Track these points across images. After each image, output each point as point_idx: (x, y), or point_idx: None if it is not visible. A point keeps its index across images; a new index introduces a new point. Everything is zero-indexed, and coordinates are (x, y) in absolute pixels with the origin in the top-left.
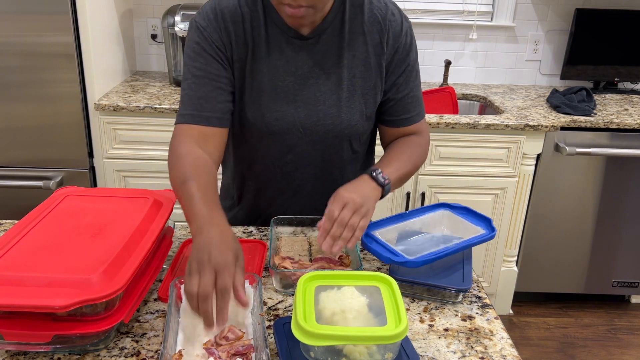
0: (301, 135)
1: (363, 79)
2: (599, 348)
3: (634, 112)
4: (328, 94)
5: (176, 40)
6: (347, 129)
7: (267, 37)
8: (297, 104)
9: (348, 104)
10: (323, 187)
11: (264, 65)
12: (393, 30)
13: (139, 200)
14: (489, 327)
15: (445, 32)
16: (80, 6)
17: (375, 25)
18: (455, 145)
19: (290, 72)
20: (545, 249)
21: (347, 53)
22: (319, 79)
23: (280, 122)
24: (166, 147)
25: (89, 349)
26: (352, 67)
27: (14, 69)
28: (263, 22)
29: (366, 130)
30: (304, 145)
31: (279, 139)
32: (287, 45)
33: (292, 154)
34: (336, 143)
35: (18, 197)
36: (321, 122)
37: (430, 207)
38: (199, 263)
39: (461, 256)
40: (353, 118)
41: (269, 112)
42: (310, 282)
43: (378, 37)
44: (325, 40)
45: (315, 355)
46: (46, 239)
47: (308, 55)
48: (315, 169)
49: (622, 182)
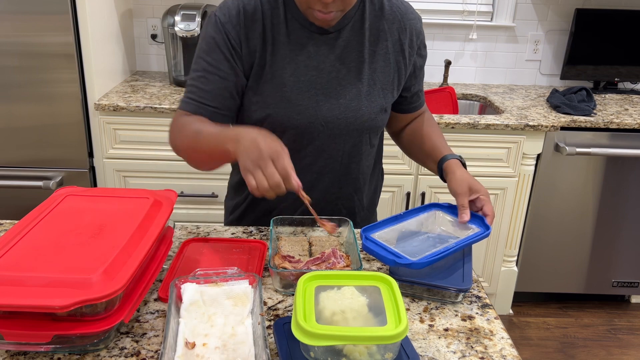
0: (322, 128)
1: (383, 73)
2: (599, 348)
3: (634, 112)
4: (349, 88)
5: (176, 40)
6: (367, 122)
7: (287, 33)
8: (318, 97)
9: (368, 98)
10: (339, 180)
11: (285, 61)
12: (414, 29)
13: (139, 200)
14: (489, 327)
15: (445, 32)
16: (80, 6)
17: (395, 23)
18: (455, 145)
19: (312, 66)
20: (545, 248)
21: (368, 48)
22: (340, 73)
23: (302, 115)
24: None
25: (89, 349)
26: (372, 62)
27: (14, 69)
28: (284, 18)
29: (384, 123)
30: (324, 138)
31: (300, 133)
32: (308, 40)
33: (312, 146)
34: (355, 136)
35: (18, 197)
36: (342, 116)
37: (421, 208)
38: (254, 160)
39: (461, 256)
40: (373, 112)
41: (291, 106)
42: (310, 282)
43: (397, 34)
44: (346, 35)
45: (315, 355)
46: (46, 239)
47: (329, 49)
48: (334, 162)
49: (622, 182)
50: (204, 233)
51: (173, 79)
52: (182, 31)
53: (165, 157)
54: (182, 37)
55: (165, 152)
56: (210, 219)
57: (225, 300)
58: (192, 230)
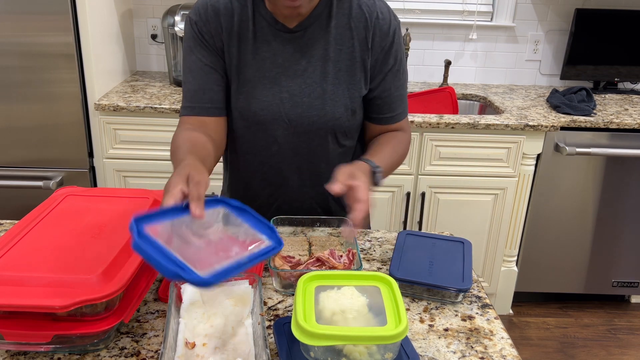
0: (287, 126)
1: (348, 73)
2: (599, 348)
3: (634, 112)
4: (313, 87)
5: (176, 40)
6: (331, 121)
7: (254, 30)
8: (282, 95)
9: (332, 97)
10: (310, 179)
11: (250, 57)
12: (380, 29)
13: (139, 200)
14: (489, 327)
15: (445, 32)
16: (80, 6)
17: (362, 22)
18: (455, 145)
19: (277, 63)
20: (545, 249)
21: (333, 47)
22: (305, 71)
23: (266, 112)
24: (166, 147)
25: (89, 349)
26: (338, 61)
27: (14, 69)
28: (251, 15)
29: (352, 124)
30: (289, 136)
31: (264, 129)
32: (274, 38)
33: (278, 145)
34: (321, 135)
35: (18, 197)
36: (305, 114)
37: (206, 202)
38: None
39: (461, 256)
40: (337, 111)
41: (255, 102)
42: (310, 282)
43: (364, 33)
44: (312, 34)
45: (315, 355)
46: (46, 239)
47: (294, 47)
48: (302, 161)
49: (622, 182)
50: None
51: (173, 79)
52: (182, 31)
53: (165, 157)
54: (182, 37)
55: (165, 152)
56: None
57: (225, 300)
58: None
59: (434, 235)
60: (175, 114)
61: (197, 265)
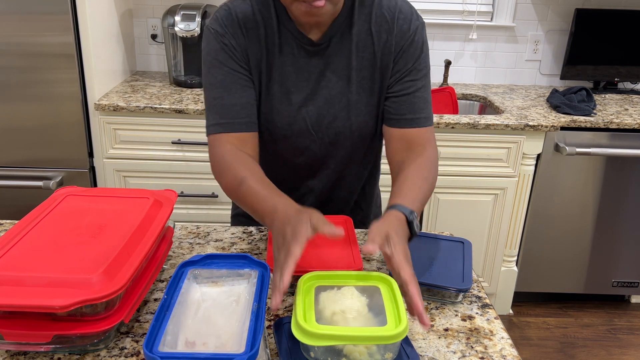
0: (313, 137)
1: (372, 80)
2: (599, 348)
3: (634, 112)
4: (338, 97)
5: (176, 40)
6: (357, 130)
7: (280, 44)
8: (308, 108)
9: (357, 106)
10: (334, 187)
11: (276, 72)
12: (400, 28)
13: (139, 200)
14: (489, 327)
15: (445, 32)
16: (80, 6)
17: (384, 25)
18: (455, 145)
19: (303, 77)
20: (545, 249)
21: (356, 55)
22: (330, 82)
23: (293, 126)
24: (166, 147)
25: (89, 349)
26: (361, 69)
27: (14, 69)
28: (277, 28)
29: (378, 130)
30: (316, 148)
31: (291, 143)
32: (299, 51)
33: (304, 156)
34: (347, 145)
35: (18, 197)
36: (332, 125)
37: (176, 277)
38: (279, 247)
39: (461, 256)
40: (362, 119)
41: (281, 117)
42: (310, 282)
43: (386, 37)
44: (335, 44)
45: (315, 355)
46: (46, 239)
47: (319, 60)
48: (328, 170)
49: (622, 182)
50: (204, 233)
51: (173, 79)
52: (182, 31)
53: (165, 157)
54: (182, 37)
55: (165, 152)
56: (210, 219)
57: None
58: (192, 230)
59: (434, 235)
60: (176, 113)
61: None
